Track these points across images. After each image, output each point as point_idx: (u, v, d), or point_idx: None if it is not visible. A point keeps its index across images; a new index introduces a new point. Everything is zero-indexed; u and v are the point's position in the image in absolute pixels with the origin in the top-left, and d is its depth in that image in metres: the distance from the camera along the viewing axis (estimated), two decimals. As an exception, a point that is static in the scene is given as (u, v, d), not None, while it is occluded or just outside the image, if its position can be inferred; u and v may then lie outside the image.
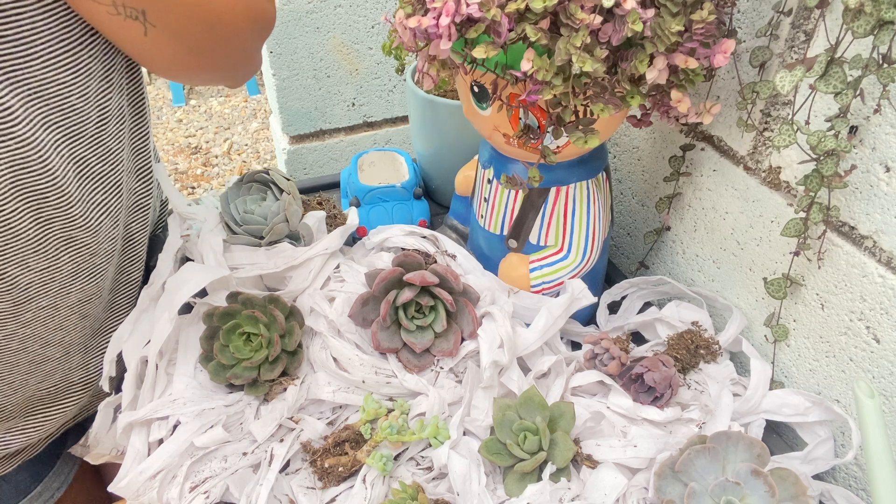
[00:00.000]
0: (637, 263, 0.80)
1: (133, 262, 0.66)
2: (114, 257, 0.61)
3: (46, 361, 0.60)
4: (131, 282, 0.67)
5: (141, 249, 0.67)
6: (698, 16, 0.44)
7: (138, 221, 0.65)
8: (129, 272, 0.66)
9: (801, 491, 0.46)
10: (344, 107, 1.18)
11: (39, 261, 0.53)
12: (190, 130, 3.02)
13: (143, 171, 0.64)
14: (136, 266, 0.67)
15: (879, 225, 0.50)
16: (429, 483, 0.53)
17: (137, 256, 0.66)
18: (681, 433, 0.55)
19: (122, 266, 0.64)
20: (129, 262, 0.65)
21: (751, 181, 0.61)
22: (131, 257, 0.66)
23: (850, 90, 0.44)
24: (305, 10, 1.05)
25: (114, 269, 0.62)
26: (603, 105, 0.47)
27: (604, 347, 0.59)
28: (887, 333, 0.51)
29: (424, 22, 0.46)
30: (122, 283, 0.66)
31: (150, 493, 0.51)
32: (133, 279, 0.67)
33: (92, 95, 0.51)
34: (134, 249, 0.66)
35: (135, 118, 0.60)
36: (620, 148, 0.81)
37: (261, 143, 2.93)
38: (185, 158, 2.83)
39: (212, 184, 2.69)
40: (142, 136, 0.62)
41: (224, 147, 2.90)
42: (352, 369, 0.58)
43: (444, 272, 0.60)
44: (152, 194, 0.66)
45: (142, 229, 0.66)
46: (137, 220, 0.65)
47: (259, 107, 3.20)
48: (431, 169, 0.86)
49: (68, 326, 0.59)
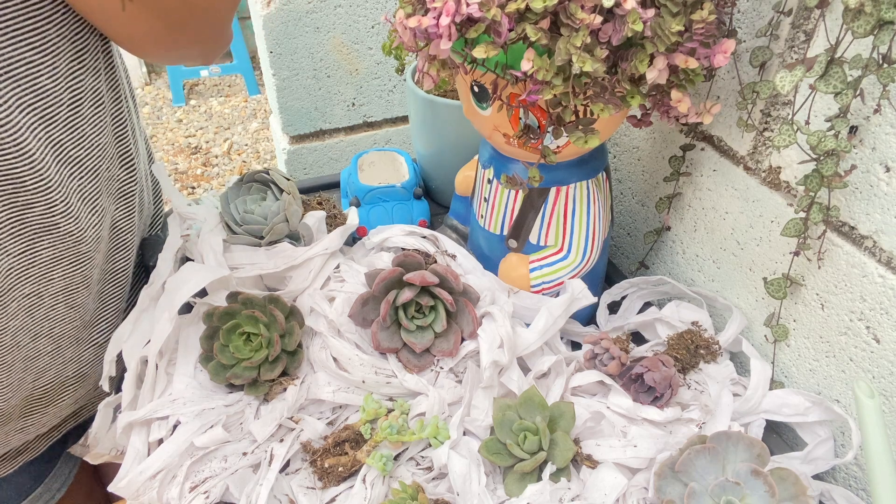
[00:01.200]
0: (637, 263, 0.80)
1: (121, 251, 0.66)
2: (100, 245, 0.60)
3: (39, 356, 0.59)
4: (119, 271, 0.66)
5: (129, 238, 0.67)
6: (698, 16, 0.44)
7: (123, 209, 0.65)
8: (116, 261, 0.66)
9: (801, 491, 0.46)
10: (344, 107, 1.18)
11: (18, 245, 0.53)
12: (190, 130, 3.02)
13: (126, 157, 0.64)
14: (125, 255, 0.66)
15: (879, 225, 0.50)
16: (429, 483, 0.53)
17: (125, 245, 0.66)
18: (681, 433, 0.55)
19: (110, 254, 0.64)
20: (116, 250, 0.65)
21: (751, 181, 0.61)
22: (119, 246, 0.65)
23: (850, 90, 0.44)
24: (305, 10, 1.05)
25: (101, 257, 0.61)
26: (603, 105, 0.47)
27: (604, 347, 0.59)
28: (887, 333, 0.51)
29: (424, 22, 0.46)
30: (111, 273, 0.65)
31: (150, 493, 0.51)
32: (122, 269, 0.67)
33: (62, 76, 0.51)
34: (121, 238, 0.65)
35: (114, 103, 0.60)
36: (620, 148, 0.81)
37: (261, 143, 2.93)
38: (185, 158, 2.83)
39: (212, 184, 2.69)
40: (122, 122, 0.62)
41: (224, 147, 2.90)
42: (352, 369, 0.58)
43: (444, 272, 0.60)
44: (137, 181, 0.66)
45: (128, 216, 0.66)
46: (123, 207, 0.65)
47: (259, 107, 3.20)
48: (431, 169, 0.86)
49: (56, 317, 0.59)
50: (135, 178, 0.65)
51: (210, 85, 3.42)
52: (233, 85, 3.40)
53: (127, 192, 0.65)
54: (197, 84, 3.42)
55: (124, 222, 0.65)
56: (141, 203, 0.69)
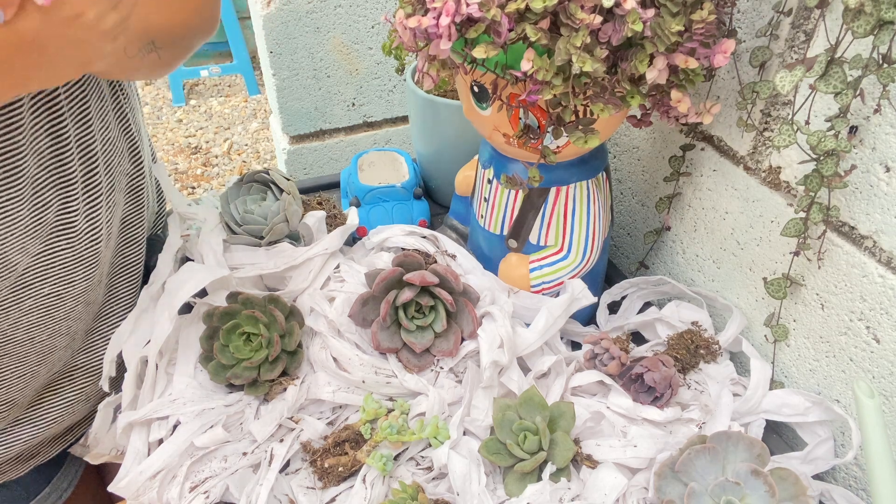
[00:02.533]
0: (637, 263, 0.80)
1: (132, 245, 0.67)
2: (110, 241, 0.61)
3: (54, 351, 0.60)
4: (129, 264, 0.67)
5: (139, 232, 0.68)
6: (698, 16, 0.44)
7: (133, 203, 0.66)
8: (127, 255, 0.66)
9: (801, 491, 0.46)
10: (344, 107, 1.18)
11: (36, 245, 0.53)
12: (190, 130, 3.02)
13: (134, 152, 0.65)
14: (136, 250, 0.67)
15: (879, 225, 0.50)
16: (429, 483, 0.53)
17: (136, 240, 0.67)
18: (681, 433, 0.55)
19: (120, 249, 0.65)
20: (127, 244, 0.66)
21: (751, 181, 0.61)
22: (129, 241, 0.66)
23: (850, 90, 0.44)
24: (305, 10, 1.05)
25: (110, 252, 0.62)
26: (603, 105, 0.47)
27: (604, 347, 0.59)
28: (887, 333, 0.51)
29: (424, 22, 0.46)
30: (121, 266, 0.66)
31: (150, 493, 0.51)
32: (132, 262, 0.67)
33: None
34: (132, 233, 0.66)
35: (115, 97, 0.61)
36: (620, 148, 0.81)
37: (261, 143, 2.93)
38: (185, 158, 2.83)
39: (212, 184, 2.69)
40: (125, 117, 0.63)
41: (224, 147, 2.90)
42: (352, 369, 0.58)
43: (444, 272, 0.60)
44: (145, 176, 0.67)
45: (137, 211, 0.67)
46: (132, 201, 0.66)
47: (259, 107, 3.20)
48: (431, 169, 0.86)
49: (74, 316, 0.59)
50: (143, 172, 0.66)
51: (210, 85, 3.42)
52: (233, 85, 3.40)
53: (136, 186, 0.66)
54: (197, 84, 3.42)
55: (134, 216, 0.66)
56: (148, 198, 0.70)
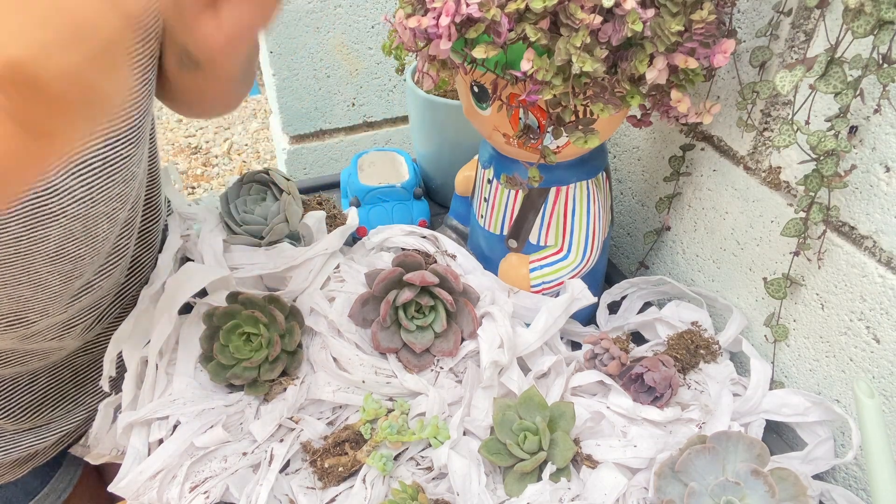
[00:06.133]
0: (637, 263, 0.80)
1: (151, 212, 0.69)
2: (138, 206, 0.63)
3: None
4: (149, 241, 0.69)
5: (158, 212, 0.70)
6: (698, 16, 0.44)
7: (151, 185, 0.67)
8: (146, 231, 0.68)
9: (801, 491, 0.46)
10: (344, 107, 1.18)
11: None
12: (190, 130, 3.02)
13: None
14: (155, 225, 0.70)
15: (879, 225, 0.50)
16: (429, 483, 0.53)
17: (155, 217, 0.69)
18: (681, 433, 0.55)
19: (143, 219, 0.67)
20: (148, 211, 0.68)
21: (751, 181, 0.61)
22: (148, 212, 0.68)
23: (850, 90, 0.44)
24: (305, 10, 1.05)
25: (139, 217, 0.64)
26: (603, 105, 0.47)
27: (604, 347, 0.59)
28: (887, 333, 0.51)
29: (424, 22, 0.46)
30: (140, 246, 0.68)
31: (150, 493, 0.51)
32: (152, 241, 0.69)
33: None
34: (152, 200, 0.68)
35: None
36: (620, 148, 0.81)
37: (261, 143, 2.93)
38: (185, 158, 2.83)
39: (212, 184, 2.69)
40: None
41: (224, 147, 2.90)
42: (352, 369, 0.58)
43: (444, 272, 0.60)
44: (157, 156, 0.68)
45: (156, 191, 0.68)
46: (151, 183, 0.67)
47: (259, 107, 3.20)
48: (431, 169, 0.86)
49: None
50: (155, 151, 0.67)
51: (210, 85, 3.42)
52: (233, 85, 3.40)
53: (154, 167, 0.67)
54: (197, 84, 3.42)
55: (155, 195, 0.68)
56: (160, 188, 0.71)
